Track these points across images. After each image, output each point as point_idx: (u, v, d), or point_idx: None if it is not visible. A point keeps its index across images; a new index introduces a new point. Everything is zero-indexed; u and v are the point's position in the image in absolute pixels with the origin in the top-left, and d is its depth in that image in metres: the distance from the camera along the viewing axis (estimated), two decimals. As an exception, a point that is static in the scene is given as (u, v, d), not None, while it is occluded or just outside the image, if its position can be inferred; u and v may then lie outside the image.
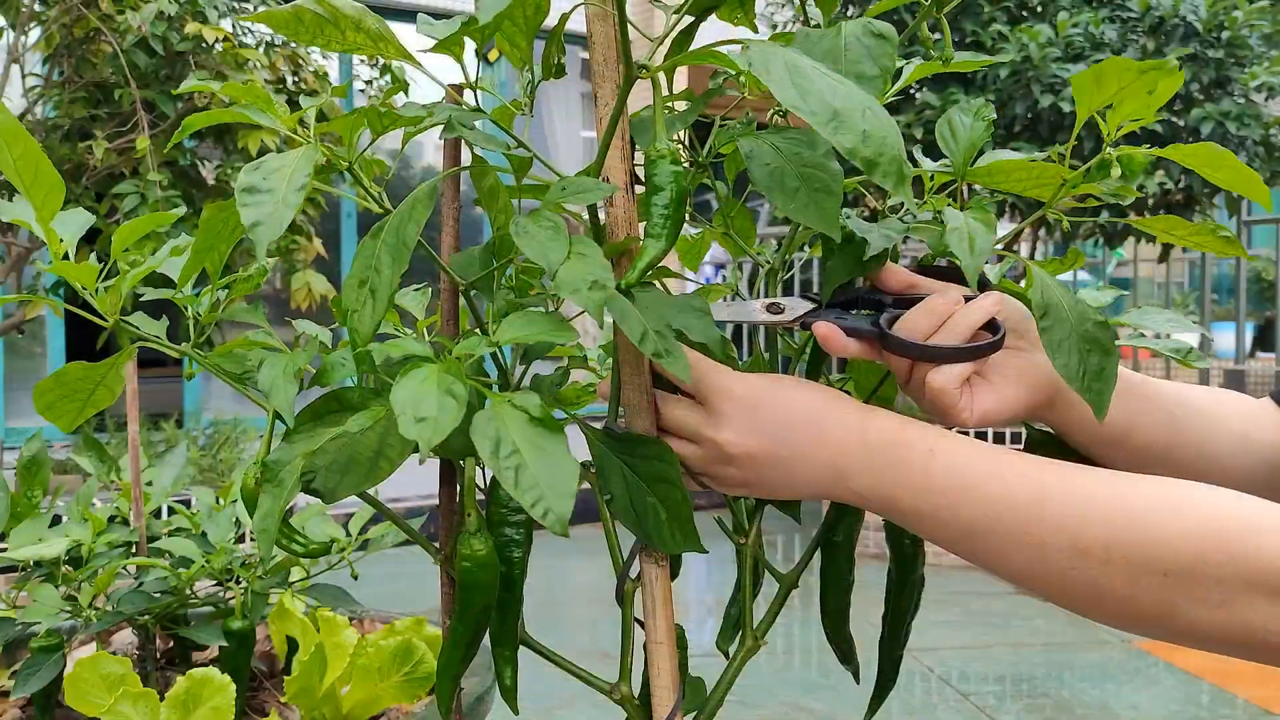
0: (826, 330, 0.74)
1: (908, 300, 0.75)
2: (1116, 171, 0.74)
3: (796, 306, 0.77)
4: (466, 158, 0.74)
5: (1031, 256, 5.29)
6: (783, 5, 5.80)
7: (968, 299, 0.73)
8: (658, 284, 0.76)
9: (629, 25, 0.64)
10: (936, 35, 0.77)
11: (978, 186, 0.83)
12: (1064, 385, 0.72)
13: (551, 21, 0.71)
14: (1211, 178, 0.73)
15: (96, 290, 0.74)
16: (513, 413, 0.57)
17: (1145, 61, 0.66)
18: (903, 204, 0.84)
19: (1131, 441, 0.79)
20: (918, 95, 4.77)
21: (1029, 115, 4.68)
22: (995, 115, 0.83)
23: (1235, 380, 5.70)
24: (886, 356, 0.75)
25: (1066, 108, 4.52)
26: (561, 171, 0.73)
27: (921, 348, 0.72)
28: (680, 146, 0.80)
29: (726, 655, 0.82)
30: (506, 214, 0.74)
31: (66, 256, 0.73)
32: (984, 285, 0.77)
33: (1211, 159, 0.71)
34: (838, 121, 0.58)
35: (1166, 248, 5.40)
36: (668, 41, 0.70)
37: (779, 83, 0.59)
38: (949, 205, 0.81)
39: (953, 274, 0.78)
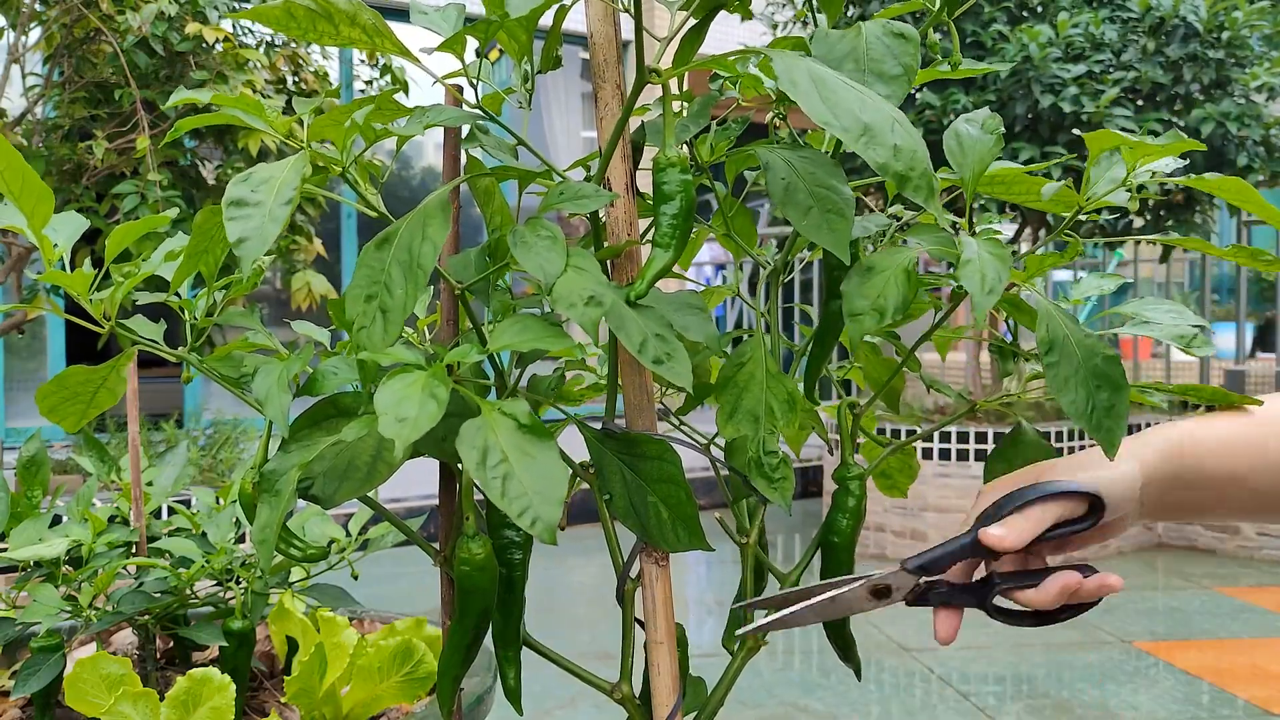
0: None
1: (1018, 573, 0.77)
2: (1135, 204, 0.74)
3: (902, 583, 0.76)
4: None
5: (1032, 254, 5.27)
6: (783, 5, 5.79)
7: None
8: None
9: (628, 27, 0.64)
10: (940, 34, 0.77)
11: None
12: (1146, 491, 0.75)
13: (548, 16, 0.71)
14: (1243, 206, 0.73)
15: (91, 298, 0.74)
16: (502, 420, 0.56)
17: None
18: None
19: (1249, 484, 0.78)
20: (918, 96, 4.77)
21: (1029, 115, 4.68)
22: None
23: (1235, 381, 5.69)
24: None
25: (1067, 108, 4.52)
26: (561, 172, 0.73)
27: (1037, 617, 0.78)
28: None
29: (731, 653, 0.83)
30: (503, 215, 0.74)
31: (62, 262, 0.73)
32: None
33: (1240, 192, 0.72)
34: (869, 137, 0.57)
35: (1167, 248, 5.40)
36: (674, 42, 0.70)
37: (806, 96, 0.58)
38: (957, 222, 0.81)
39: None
